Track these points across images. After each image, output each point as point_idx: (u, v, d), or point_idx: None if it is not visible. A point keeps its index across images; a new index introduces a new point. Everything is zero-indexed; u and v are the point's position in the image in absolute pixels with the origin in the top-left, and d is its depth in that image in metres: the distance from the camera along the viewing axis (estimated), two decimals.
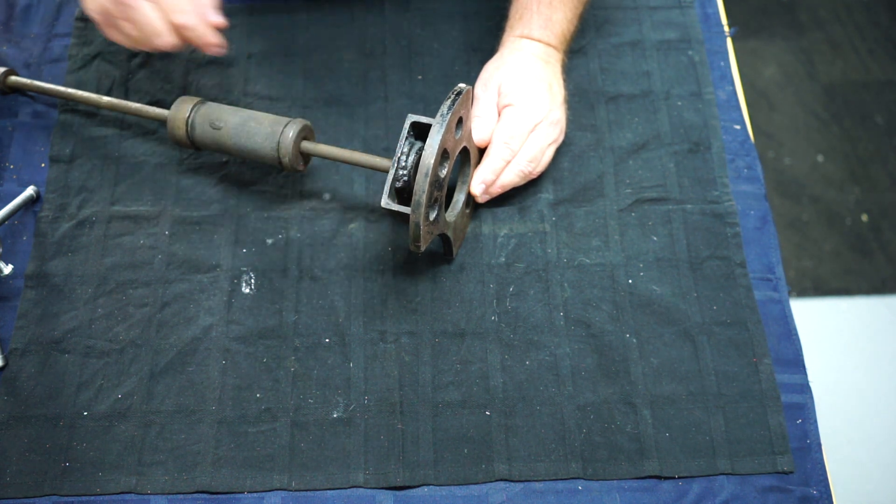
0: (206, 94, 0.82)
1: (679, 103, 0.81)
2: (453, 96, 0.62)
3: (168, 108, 0.78)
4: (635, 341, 0.69)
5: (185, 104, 0.73)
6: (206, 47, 0.69)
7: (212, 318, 0.70)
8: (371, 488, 0.64)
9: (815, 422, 0.67)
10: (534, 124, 0.71)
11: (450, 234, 0.69)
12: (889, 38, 1.80)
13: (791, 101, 1.73)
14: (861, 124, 1.70)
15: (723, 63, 0.84)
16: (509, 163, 0.71)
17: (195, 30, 0.67)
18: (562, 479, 0.64)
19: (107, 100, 0.77)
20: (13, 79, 0.80)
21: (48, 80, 0.83)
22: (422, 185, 0.60)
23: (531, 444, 0.65)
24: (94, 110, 0.81)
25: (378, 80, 0.83)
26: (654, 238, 0.74)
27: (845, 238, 1.57)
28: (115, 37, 0.69)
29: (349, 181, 0.77)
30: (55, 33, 0.86)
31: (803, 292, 1.52)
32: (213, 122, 0.71)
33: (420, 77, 0.83)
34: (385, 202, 0.64)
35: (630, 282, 0.72)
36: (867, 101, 1.72)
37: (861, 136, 1.68)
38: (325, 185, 0.77)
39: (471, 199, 0.73)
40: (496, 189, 0.72)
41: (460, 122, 0.65)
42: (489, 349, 0.69)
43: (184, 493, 0.64)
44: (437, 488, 0.64)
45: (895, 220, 1.59)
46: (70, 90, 0.78)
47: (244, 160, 0.77)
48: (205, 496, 0.64)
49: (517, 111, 0.71)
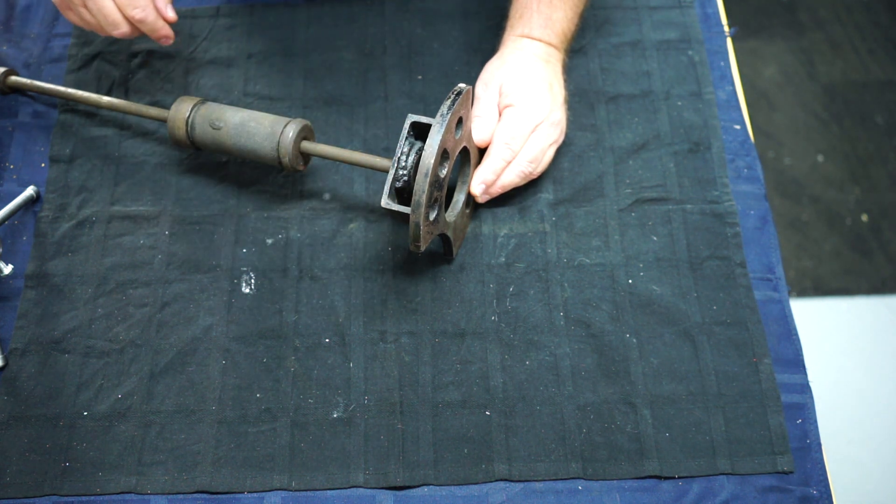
0: (206, 94, 0.82)
1: (679, 103, 0.81)
2: (453, 96, 0.62)
3: (168, 108, 0.78)
4: (635, 341, 0.69)
5: (185, 104, 0.73)
6: (158, 39, 0.75)
7: (212, 318, 0.70)
8: (371, 488, 0.64)
9: (815, 422, 0.67)
10: (535, 125, 0.71)
11: (450, 234, 0.69)
12: (889, 38, 1.80)
13: (791, 101, 1.73)
14: (861, 124, 1.70)
15: (723, 63, 0.84)
16: (510, 163, 0.71)
17: (148, 24, 0.73)
18: (562, 479, 0.64)
19: (107, 100, 0.77)
20: (13, 79, 0.80)
21: (48, 80, 0.83)
22: (422, 185, 0.60)
23: (531, 444, 0.65)
24: (94, 110, 0.81)
25: (378, 80, 0.83)
26: (654, 238, 0.74)
27: (845, 238, 1.57)
28: (72, 18, 0.74)
29: (349, 181, 0.77)
30: (55, 33, 0.86)
31: (803, 292, 1.52)
32: (213, 122, 0.71)
33: (420, 77, 0.83)
34: (385, 202, 0.64)
35: (630, 282, 0.72)
36: (867, 101, 1.72)
37: (861, 136, 1.68)
38: (325, 185, 0.77)
39: (471, 199, 0.73)
40: (496, 189, 0.72)
41: (460, 122, 0.65)
42: (489, 349, 0.69)
43: (184, 493, 0.64)
44: (437, 488, 0.64)
45: (895, 220, 1.59)
46: (70, 90, 0.78)
47: (244, 160, 0.77)
48: (205, 496, 0.64)
49: (518, 111, 0.71)
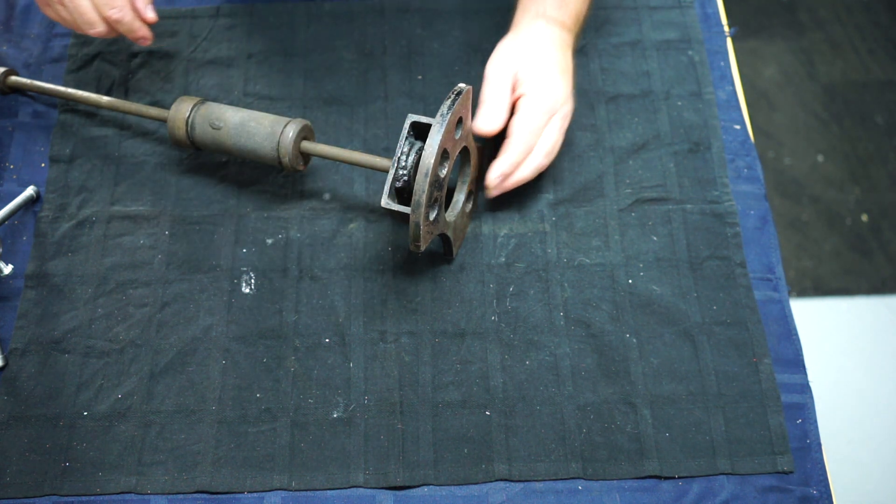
0: (206, 94, 0.82)
1: (679, 103, 0.81)
2: (453, 96, 0.62)
3: (168, 108, 0.78)
4: (635, 341, 0.69)
5: (185, 104, 0.73)
6: (135, 40, 0.75)
7: (212, 318, 0.70)
8: (371, 488, 0.64)
9: (815, 422, 0.67)
10: (550, 116, 0.69)
11: (450, 234, 0.69)
12: (889, 38, 1.80)
13: (791, 101, 1.73)
14: (861, 124, 1.70)
15: (723, 63, 0.84)
16: (527, 157, 0.69)
17: (125, 24, 0.72)
18: (562, 479, 0.64)
19: (107, 100, 0.77)
20: (13, 79, 0.80)
21: (48, 80, 0.83)
22: (422, 185, 0.60)
23: (531, 444, 0.65)
24: (94, 110, 0.81)
25: (378, 80, 0.83)
26: (654, 238, 0.74)
27: (845, 238, 1.57)
28: (50, 14, 0.74)
29: (349, 181, 0.77)
30: (55, 33, 0.86)
31: (803, 292, 1.52)
32: (213, 122, 0.71)
33: (420, 77, 0.83)
34: (385, 202, 0.64)
35: (630, 282, 0.72)
36: (867, 101, 1.72)
37: (861, 136, 1.68)
38: (325, 185, 0.77)
39: (471, 198, 0.73)
40: (510, 184, 0.70)
41: (460, 122, 0.65)
42: (489, 349, 0.69)
43: (184, 493, 0.64)
44: (437, 488, 0.64)
45: (895, 220, 1.59)
46: (70, 90, 0.78)
47: (244, 160, 0.77)
48: (205, 496, 0.64)
49: (535, 102, 0.69)
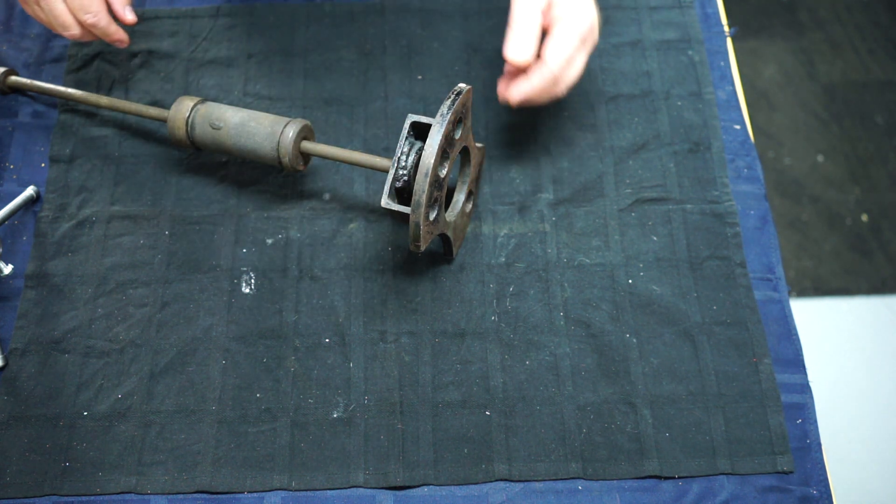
0: (206, 94, 0.82)
1: (679, 103, 0.81)
2: (453, 96, 0.62)
3: (168, 108, 0.78)
4: (635, 341, 0.69)
5: (185, 104, 0.73)
6: (112, 43, 0.75)
7: (212, 318, 0.70)
8: (371, 488, 0.64)
9: (815, 422, 0.67)
10: (583, 44, 0.68)
11: (450, 234, 0.69)
12: (889, 38, 1.80)
13: (791, 101, 1.73)
14: (861, 124, 1.70)
15: (723, 63, 0.84)
16: (555, 85, 0.68)
17: (100, 28, 0.73)
18: (562, 479, 0.64)
19: (107, 100, 0.77)
20: (13, 79, 0.80)
21: (48, 80, 0.83)
22: (422, 185, 0.60)
23: (531, 444, 0.65)
24: (94, 110, 0.81)
25: (378, 80, 0.83)
26: (654, 238, 0.74)
27: (845, 238, 1.57)
28: (29, 12, 0.74)
29: (349, 181, 0.77)
30: (55, 33, 0.86)
31: (803, 292, 1.52)
32: (213, 122, 0.71)
33: (420, 77, 0.83)
34: (385, 202, 0.64)
35: (630, 282, 0.72)
36: (867, 101, 1.72)
37: (861, 136, 1.68)
38: (325, 185, 0.77)
39: (471, 198, 0.73)
40: (524, 103, 0.69)
41: (460, 121, 0.65)
42: (489, 349, 0.69)
43: (184, 493, 0.64)
44: (437, 488, 0.64)
45: (895, 220, 1.59)
46: (70, 90, 0.78)
47: (244, 160, 0.77)
48: (205, 496, 0.64)
49: (570, 28, 0.66)
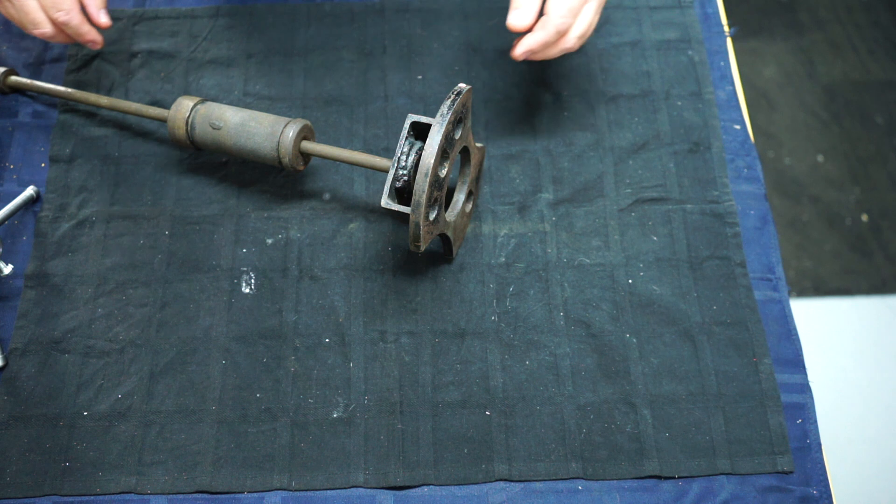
0: (206, 94, 0.82)
1: (679, 103, 0.81)
2: (453, 96, 0.62)
3: (168, 108, 0.78)
4: (635, 341, 0.69)
5: (185, 104, 0.73)
6: (85, 43, 0.74)
7: (212, 318, 0.70)
8: (371, 488, 0.64)
9: (815, 422, 0.67)
10: None
11: (450, 234, 0.69)
12: (889, 38, 1.80)
13: (791, 101, 1.73)
14: (861, 124, 1.70)
15: (723, 63, 0.84)
16: (561, 38, 0.67)
17: (72, 27, 0.72)
18: (562, 479, 0.64)
19: (107, 100, 0.77)
20: (13, 79, 0.80)
21: (48, 80, 0.83)
22: (422, 185, 0.60)
23: (531, 444, 0.65)
24: (94, 110, 0.81)
25: (378, 80, 0.83)
26: (654, 238, 0.74)
27: (845, 238, 1.57)
28: (2, 11, 0.73)
29: (349, 181, 0.77)
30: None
31: (803, 292, 1.52)
32: (213, 122, 0.71)
33: (420, 77, 0.83)
34: (385, 202, 0.64)
35: (630, 282, 0.72)
36: (867, 101, 1.72)
37: (861, 136, 1.68)
38: (325, 185, 0.77)
39: (471, 198, 0.73)
40: (534, 58, 0.69)
41: (460, 121, 0.65)
42: (489, 349, 0.69)
43: (184, 493, 0.64)
44: (437, 488, 0.64)
45: (895, 220, 1.59)
46: (70, 90, 0.78)
47: (244, 160, 0.77)
48: (205, 496, 0.64)
49: None
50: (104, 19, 0.74)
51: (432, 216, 0.64)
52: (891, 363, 1.42)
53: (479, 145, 0.72)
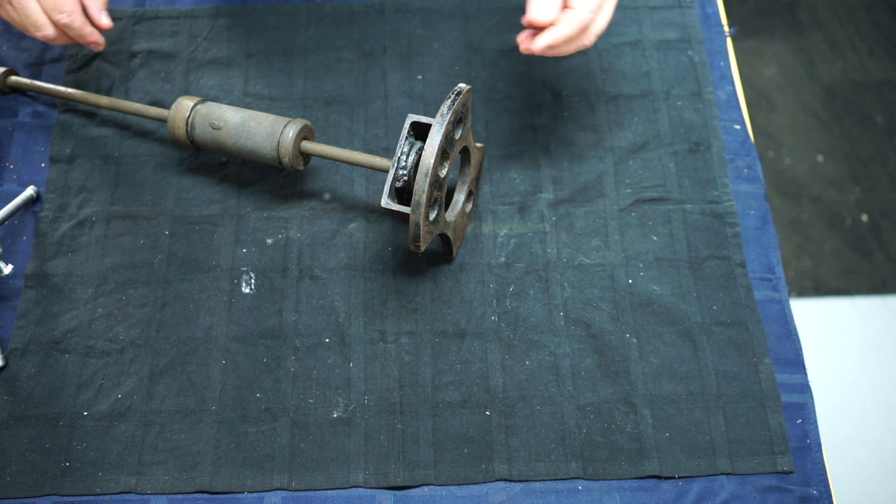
0: (206, 94, 0.82)
1: (679, 103, 0.81)
2: (453, 96, 0.62)
3: (168, 108, 0.78)
4: (635, 341, 0.69)
5: (185, 104, 0.73)
6: (87, 45, 0.74)
7: (212, 318, 0.70)
8: (371, 488, 0.64)
9: (815, 422, 0.67)
10: None
11: (450, 234, 0.69)
12: (889, 38, 1.80)
13: (791, 101, 1.73)
14: (861, 124, 1.70)
15: (723, 63, 0.84)
16: (583, 32, 0.65)
17: (74, 29, 0.71)
18: (562, 479, 0.64)
19: (107, 100, 0.77)
20: (13, 79, 0.80)
21: (48, 80, 0.83)
22: (422, 185, 0.60)
23: (531, 444, 0.65)
24: (94, 110, 0.81)
25: (378, 80, 0.83)
26: (654, 238, 0.74)
27: (845, 238, 1.57)
28: (2, 14, 0.73)
29: (349, 181, 0.77)
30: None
31: (803, 292, 1.52)
32: (213, 122, 0.71)
33: (420, 77, 0.83)
34: (385, 202, 0.64)
35: (630, 282, 0.72)
36: (867, 101, 1.72)
37: (861, 136, 1.68)
38: (325, 185, 0.77)
39: (471, 198, 0.73)
40: (550, 53, 0.66)
41: (460, 121, 0.65)
42: (489, 349, 0.69)
43: (184, 493, 0.64)
44: (437, 488, 0.64)
45: (895, 220, 1.59)
46: (70, 90, 0.78)
47: (244, 160, 0.77)
48: (205, 496, 0.64)
49: None
50: (106, 21, 0.73)
51: (432, 216, 0.64)
52: (891, 363, 1.42)
53: (479, 145, 0.72)
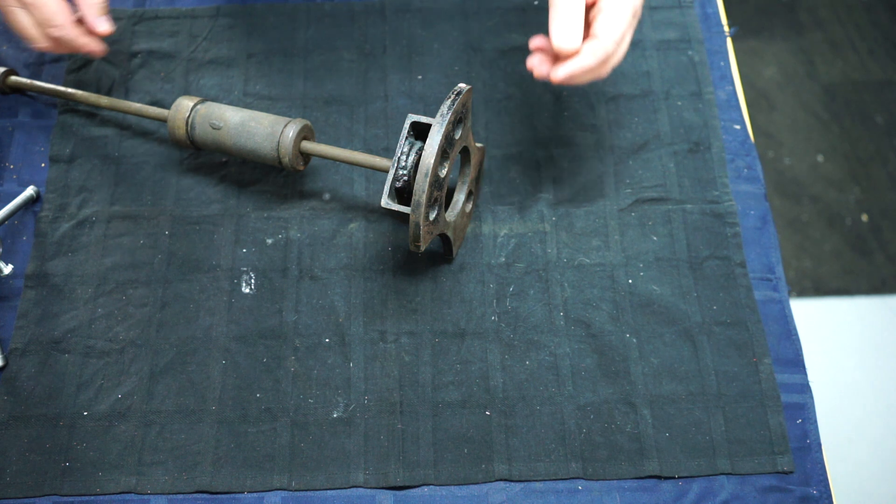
0: (206, 94, 0.82)
1: (679, 103, 0.81)
2: (453, 96, 0.62)
3: (168, 108, 0.78)
4: (635, 341, 0.69)
5: (185, 104, 0.73)
6: (86, 54, 0.73)
7: (212, 318, 0.70)
8: (371, 488, 0.64)
9: (815, 422, 0.67)
10: (633, 18, 0.63)
11: (450, 234, 0.69)
12: (889, 38, 1.80)
13: (791, 101, 1.73)
14: (861, 124, 1.70)
15: (723, 63, 0.84)
16: (605, 63, 0.63)
17: (67, 41, 0.70)
18: (562, 479, 0.64)
19: (107, 100, 0.77)
20: (13, 79, 0.80)
21: (48, 80, 0.83)
22: (422, 185, 0.60)
23: (531, 444, 0.65)
24: (94, 110, 0.81)
25: (378, 80, 0.83)
26: (654, 238, 0.74)
27: (845, 238, 1.57)
28: (4, 18, 0.72)
29: (349, 181, 0.77)
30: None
31: (803, 292, 1.52)
32: (213, 122, 0.71)
33: (420, 77, 0.83)
34: (385, 202, 0.64)
35: (630, 282, 0.72)
36: (867, 101, 1.72)
37: (861, 136, 1.68)
38: (325, 185, 0.77)
39: (471, 198, 0.73)
40: (566, 82, 0.63)
41: (460, 121, 0.65)
42: (489, 349, 0.69)
43: (184, 493, 0.64)
44: (437, 488, 0.64)
45: (895, 220, 1.59)
46: (70, 90, 0.78)
47: (244, 160, 0.77)
48: (205, 496, 0.64)
49: (622, 3, 0.62)
50: (103, 27, 0.70)
51: (432, 216, 0.64)
52: (891, 363, 1.42)
53: (479, 145, 0.72)
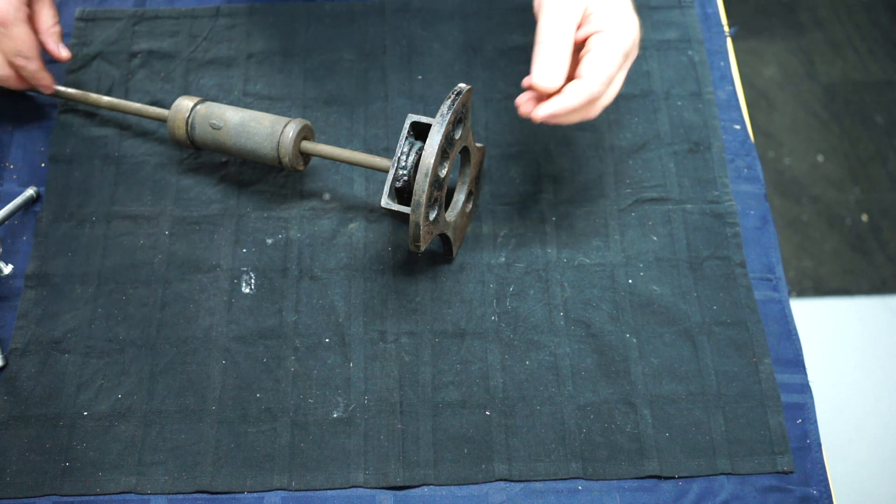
0: (206, 94, 0.82)
1: (679, 103, 0.81)
2: (453, 96, 0.62)
3: (168, 108, 0.78)
4: (635, 341, 0.69)
5: (185, 104, 0.73)
6: (37, 87, 0.77)
7: (212, 318, 0.70)
8: (371, 488, 0.64)
9: (815, 422, 0.67)
10: (624, 59, 0.60)
11: (450, 234, 0.69)
12: (889, 38, 1.80)
13: (791, 101, 1.73)
14: (861, 124, 1.70)
15: (723, 63, 0.84)
16: (591, 105, 0.60)
17: (28, 72, 0.74)
18: (562, 479, 0.64)
19: (107, 100, 0.77)
20: None
21: None
22: (422, 185, 0.60)
23: (531, 444, 0.65)
24: (94, 110, 0.81)
25: (378, 80, 0.83)
26: (654, 238, 0.74)
27: (845, 238, 1.57)
28: None
29: (349, 181, 0.77)
30: None
31: (803, 292, 1.52)
32: (213, 122, 0.71)
33: (420, 77, 0.83)
34: (385, 202, 0.64)
35: (630, 282, 0.72)
36: (867, 101, 1.72)
37: (861, 136, 1.68)
38: (325, 185, 0.77)
39: (471, 198, 0.73)
40: (552, 121, 0.61)
41: (460, 121, 0.65)
42: (489, 349, 0.69)
43: (184, 493, 0.64)
44: (437, 488, 0.64)
45: (895, 220, 1.59)
46: (70, 90, 0.78)
47: (244, 160, 0.77)
48: (205, 496, 0.64)
49: (614, 42, 0.59)
50: (64, 53, 0.77)
51: (432, 216, 0.64)
52: (891, 363, 1.42)
53: (479, 145, 0.72)
